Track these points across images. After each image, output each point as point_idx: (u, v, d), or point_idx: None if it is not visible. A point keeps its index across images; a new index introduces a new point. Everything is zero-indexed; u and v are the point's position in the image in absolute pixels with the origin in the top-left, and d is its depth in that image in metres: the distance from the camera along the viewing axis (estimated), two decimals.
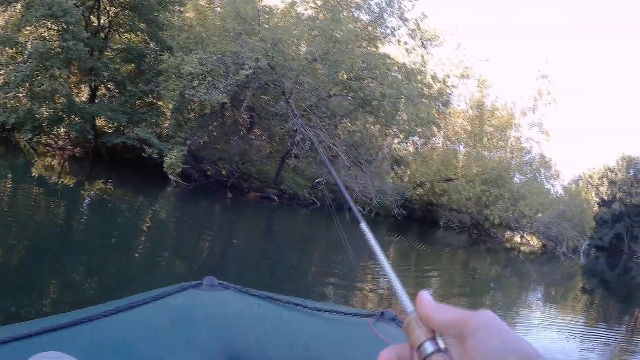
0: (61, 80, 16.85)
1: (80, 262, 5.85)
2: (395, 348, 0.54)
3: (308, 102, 17.35)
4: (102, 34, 18.06)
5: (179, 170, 15.97)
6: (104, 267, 5.79)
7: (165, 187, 16.02)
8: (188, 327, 1.37)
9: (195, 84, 14.85)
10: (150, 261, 6.67)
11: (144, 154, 15.87)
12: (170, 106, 16.60)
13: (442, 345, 0.49)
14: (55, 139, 19.19)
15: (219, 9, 19.37)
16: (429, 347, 0.49)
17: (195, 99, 15.35)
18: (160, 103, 18.13)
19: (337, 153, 16.90)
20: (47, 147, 18.91)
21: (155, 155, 15.77)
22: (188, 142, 17.26)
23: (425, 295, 0.52)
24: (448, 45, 33.65)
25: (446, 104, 21.28)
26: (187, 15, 20.85)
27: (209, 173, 18.76)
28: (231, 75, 14.84)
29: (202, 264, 7.17)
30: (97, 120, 18.11)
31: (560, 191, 32.29)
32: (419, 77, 18.95)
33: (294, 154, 18.23)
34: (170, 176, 16.22)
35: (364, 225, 0.88)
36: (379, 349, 1.38)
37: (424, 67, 20.69)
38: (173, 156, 15.54)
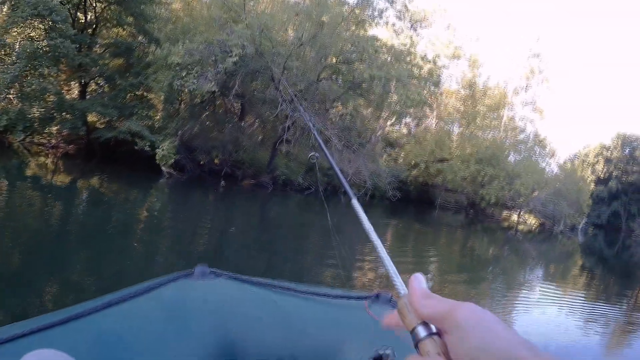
0: (50, 78, 16.76)
1: (76, 258, 5.85)
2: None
3: (298, 87, 17.28)
4: (89, 30, 17.96)
5: (172, 161, 15.96)
6: (99, 261, 5.79)
7: (159, 179, 15.98)
8: (181, 317, 1.36)
9: (183, 74, 14.76)
10: (145, 253, 6.67)
11: (136, 147, 15.86)
12: (161, 98, 16.51)
13: (434, 329, 0.49)
14: (48, 138, 19.12)
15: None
16: (421, 332, 0.50)
17: (185, 89, 15.24)
18: (151, 95, 18.03)
19: (329, 137, 16.87)
20: (40, 147, 18.83)
21: (147, 148, 15.77)
22: (179, 133, 17.20)
23: (416, 281, 0.52)
24: (437, 27, 33.47)
25: (437, 84, 21.28)
26: (174, 6, 20.70)
27: (202, 162, 18.73)
28: (219, 64, 14.74)
29: (196, 254, 7.16)
30: (88, 117, 18.03)
31: (556, 170, 32.44)
32: (408, 59, 18.89)
33: (286, 139, 18.20)
34: (162, 168, 16.19)
35: (355, 203, 0.87)
36: (375, 331, 1.37)
37: (413, 48, 20.60)
38: (165, 148, 15.53)
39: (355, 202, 0.87)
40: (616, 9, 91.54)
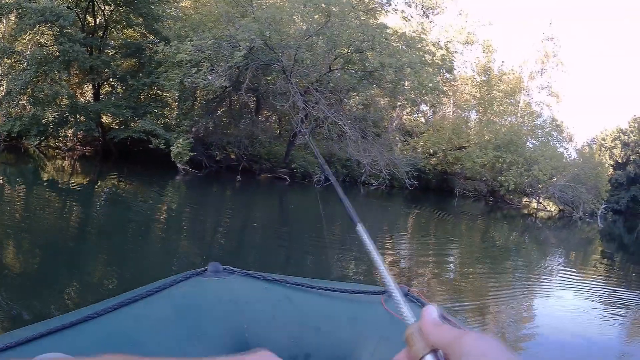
0: (62, 82, 17.02)
1: (92, 258, 5.92)
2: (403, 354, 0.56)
3: (310, 78, 17.23)
4: (99, 33, 18.15)
5: (187, 158, 16.07)
6: (115, 260, 5.86)
7: (175, 177, 16.10)
8: (194, 315, 1.35)
9: (193, 71, 14.81)
10: (160, 251, 6.72)
11: (150, 146, 16.01)
12: (174, 96, 16.60)
13: (442, 359, 0.50)
14: (64, 141, 19.44)
15: None
16: None
17: (196, 86, 15.29)
18: (166, 94, 18.18)
19: (343, 127, 16.78)
20: (56, 150, 19.15)
21: (162, 146, 15.93)
22: (193, 130, 17.30)
23: (428, 311, 0.54)
24: (450, 13, 33.29)
25: (450, 70, 20.96)
26: (183, 4, 20.78)
27: (218, 158, 18.84)
28: (228, 59, 14.74)
29: (212, 250, 7.20)
30: (103, 117, 18.26)
31: (574, 155, 32.00)
32: (419, 45, 18.65)
33: (299, 131, 18.21)
34: (178, 165, 16.31)
35: (360, 229, 0.87)
36: (391, 325, 1.34)
37: (425, 35, 20.36)
38: (179, 145, 15.65)
39: (360, 229, 0.86)
40: None
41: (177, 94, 16.01)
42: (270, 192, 17.57)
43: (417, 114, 31.07)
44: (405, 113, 29.57)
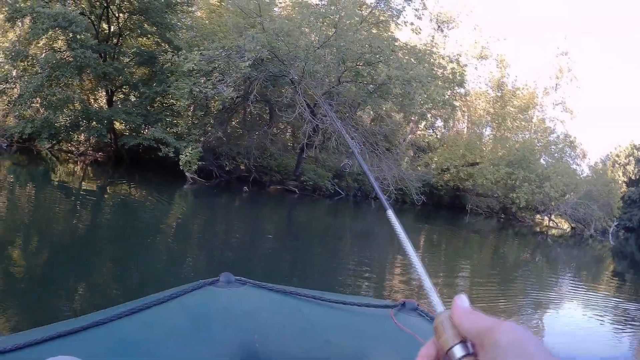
0: (75, 88, 17.23)
1: (100, 264, 5.95)
2: (431, 344, 0.53)
3: (319, 91, 17.26)
4: (114, 40, 18.37)
5: (195, 167, 16.10)
6: (125, 267, 5.88)
7: (183, 185, 16.18)
8: (205, 325, 1.35)
9: (202, 81, 14.92)
10: (165, 260, 6.71)
11: (160, 154, 16.11)
12: (184, 104, 16.66)
13: (470, 349, 0.48)
14: (76, 146, 19.64)
15: (229, 6, 19.39)
16: (458, 351, 0.48)
17: (205, 95, 15.38)
18: (179, 103, 18.37)
19: (349, 141, 16.68)
20: (68, 154, 19.33)
21: (171, 154, 16.00)
22: (202, 139, 17.36)
23: (460, 299, 0.52)
24: (464, 28, 33.37)
25: (460, 83, 20.82)
26: (198, 14, 20.98)
27: (227, 168, 18.88)
28: (236, 70, 14.83)
29: (218, 261, 7.20)
30: (115, 124, 18.44)
31: (587, 171, 31.71)
32: (430, 59, 18.57)
33: (306, 144, 18.20)
34: (186, 174, 16.38)
35: (391, 214, 0.84)
36: (400, 340, 1.34)
37: (436, 47, 20.29)
38: (188, 154, 15.69)
39: (390, 214, 0.84)
40: None
41: (185, 103, 16.05)
42: (279, 204, 17.54)
43: (432, 129, 31.01)
44: (419, 128, 29.54)
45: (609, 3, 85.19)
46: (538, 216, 29.24)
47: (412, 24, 19.28)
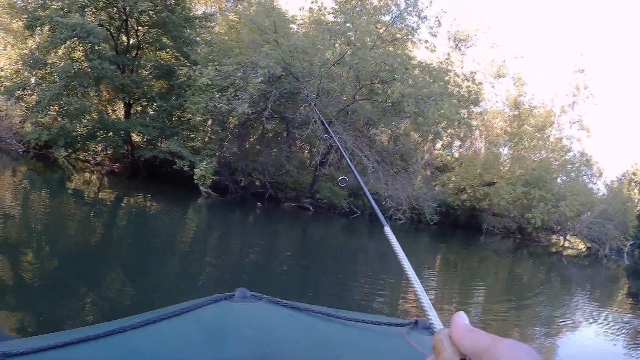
0: (92, 99, 17.48)
1: (112, 275, 5.99)
2: None
3: (333, 108, 17.28)
4: (133, 52, 18.66)
5: (210, 181, 16.18)
6: (138, 278, 5.90)
7: (197, 199, 16.23)
8: (219, 339, 1.35)
9: (217, 96, 15.04)
10: (175, 274, 6.73)
11: (175, 167, 16.22)
12: (201, 119, 16.79)
13: None
14: (93, 156, 19.88)
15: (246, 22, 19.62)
16: None
17: (219, 111, 15.48)
18: (195, 117, 18.58)
19: (364, 159, 16.68)
20: (85, 163, 19.58)
21: (186, 168, 16.10)
22: (217, 154, 17.44)
23: (459, 317, 0.52)
24: (482, 45, 33.38)
25: (476, 102, 20.69)
26: (218, 29, 21.23)
27: (243, 184, 18.96)
28: (250, 85, 14.91)
29: (234, 276, 7.20)
30: (133, 136, 18.63)
31: (603, 190, 31.27)
32: (445, 77, 18.50)
33: (320, 161, 18.17)
34: (201, 188, 16.45)
35: (388, 230, 0.85)
36: (412, 358, 1.33)
37: (452, 65, 20.24)
38: (203, 168, 15.78)
39: (387, 230, 0.85)
40: None
41: (200, 118, 16.16)
42: (294, 221, 17.54)
43: (450, 149, 30.89)
44: (436, 148, 29.46)
45: (624, 13, 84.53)
46: (554, 236, 28.79)
47: (426, 41, 19.33)
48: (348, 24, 16.50)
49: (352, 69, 16.55)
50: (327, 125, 15.61)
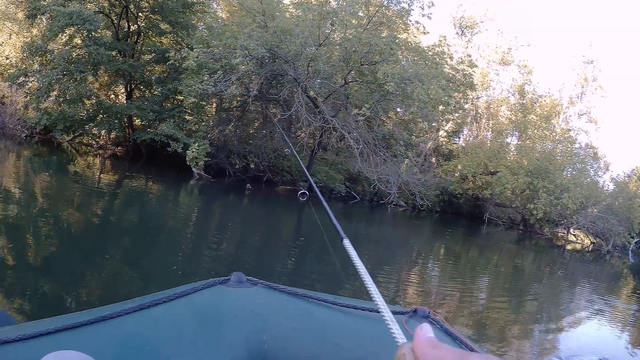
0: (90, 84, 17.83)
1: (111, 256, 5.99)
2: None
3: (324, 89, 17.24)
4: (134, 38, 19.13)
5: (202, 162, 16.40)
6: (132, 262, 5.90)
7: (189, 181, 16.36)
8: (214, 324, 1.34)
9: (205, 78, 15.13)
10: (172, 255, 6.72)
11: (169, 149, 16.58)
12: (194, 102, 16.74)
13: None
14: (97, 140, 20.08)
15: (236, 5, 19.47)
16: None
17: (205, 93, 15.59)
18: (190, 99, 18.60)
19: (353, 139, 16.48)
20: (88, 147, 19.79)
21: (180, 150, 16.41)
22: (209, 136, 17.49)
23: (422, 330, 0.48)
24: (488, 33, 33.06)
25: (470, 85, 20.02)
26: (220, 14, 21.15)
27: (237, 167, 19.02)
28: (234, 67, 14.89)
29: (227, 259, 7.19)
30: (135, 120, 18.83)
31: (610, 184, 30.99)
32: (437, 59, 17.96)
33: (321, 144, 18.10)
34: (193, 169, 16.63)
35: (347, 243, 0.81)
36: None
37: (447, 48, 19.64)
38: (195, 149, 15.93)
39: (347, 243, 0.81)
40: None
41: (194, 100, 16.16)
42: (289, 205, 17.41)
43: (458, 138, 30.70)
44: (441, 136, 29.27)
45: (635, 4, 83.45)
46: (560, 230, 28.55)
47: (417, 22, 18.96)
48: (333, 2, 16.31)
49: (340, 49, 16.37)
50: (313, 102, 15.58)
